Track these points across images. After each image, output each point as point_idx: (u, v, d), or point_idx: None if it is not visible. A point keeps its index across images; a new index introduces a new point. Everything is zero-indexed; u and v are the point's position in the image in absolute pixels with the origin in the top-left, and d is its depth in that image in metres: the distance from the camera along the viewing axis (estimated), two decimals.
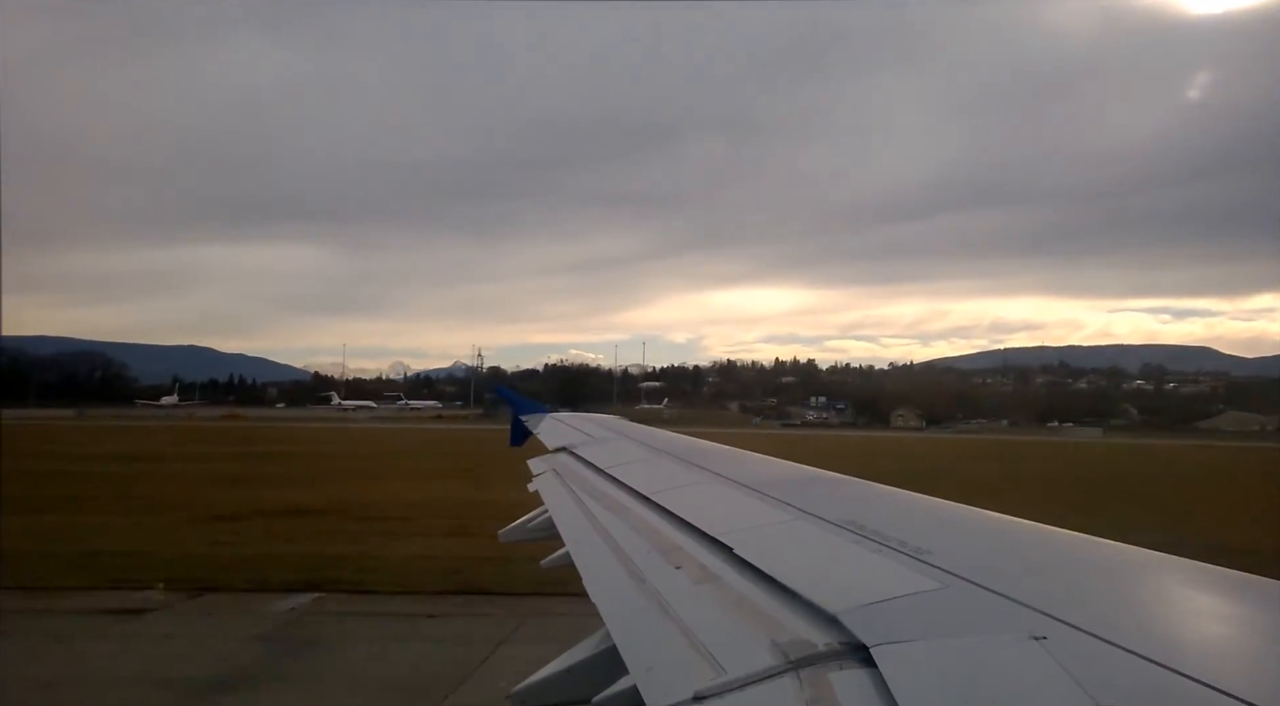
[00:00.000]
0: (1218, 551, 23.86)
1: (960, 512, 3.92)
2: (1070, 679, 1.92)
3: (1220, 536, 27.88)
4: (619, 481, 5.99)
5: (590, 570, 4.00)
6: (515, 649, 16.51)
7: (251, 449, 74.95)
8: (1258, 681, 1.92)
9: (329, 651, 16.80)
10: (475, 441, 76.51)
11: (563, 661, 3.50)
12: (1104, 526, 4.05)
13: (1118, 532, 3.45)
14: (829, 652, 2.31)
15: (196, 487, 42.71)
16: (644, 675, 2.57)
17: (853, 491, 4.85)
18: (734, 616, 2.83)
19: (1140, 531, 26.53)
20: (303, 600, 20.54)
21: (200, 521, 32.33)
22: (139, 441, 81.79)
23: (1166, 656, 1.98)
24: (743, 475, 5.35)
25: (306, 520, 32.76)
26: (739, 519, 4.22)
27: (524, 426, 12.47)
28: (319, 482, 46.00)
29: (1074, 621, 2.24)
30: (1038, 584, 2.68)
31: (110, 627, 18.34)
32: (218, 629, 18.49)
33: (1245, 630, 2.42)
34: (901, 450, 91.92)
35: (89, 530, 29.68)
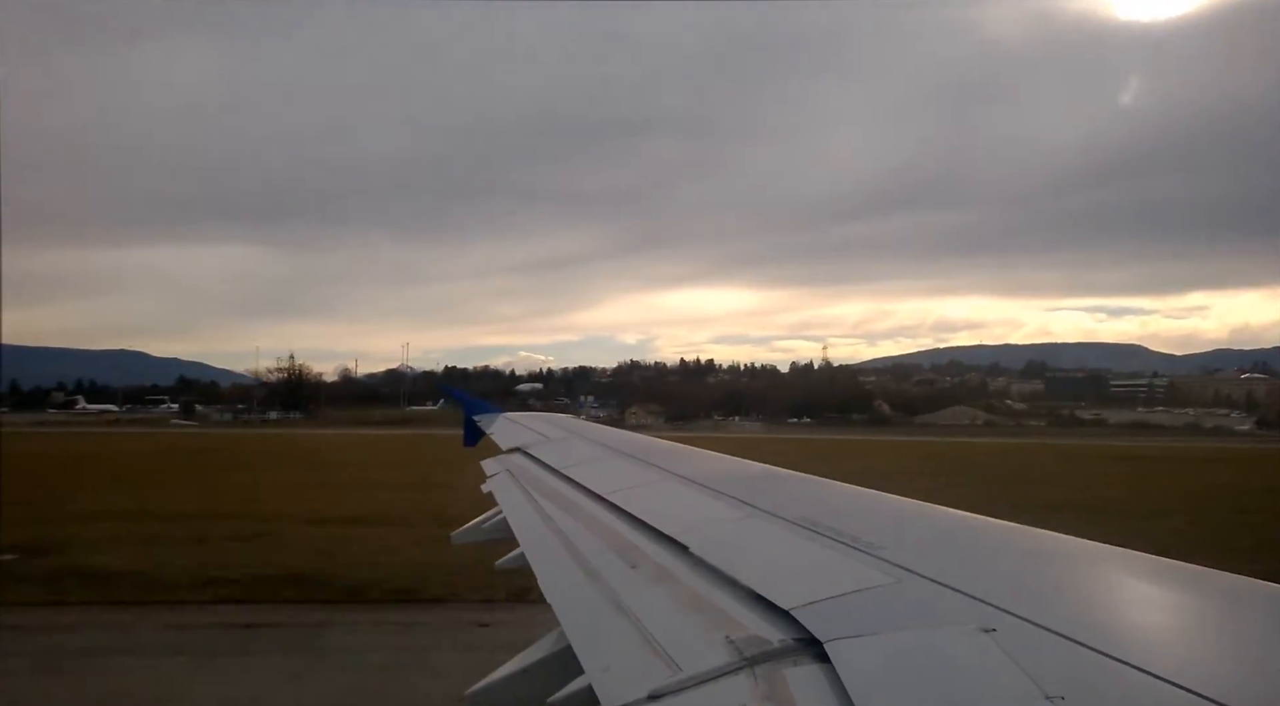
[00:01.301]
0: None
1: (913, 508, 3.96)
2: (1019, 669, 1.95)
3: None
4: (574, 481, 5.97)
5: (545, 570, 3.98)
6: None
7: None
8: (1202, 670, 1.97)
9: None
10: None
11: (518, 662, 3.49)
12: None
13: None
14: (784, 649, 2.33)
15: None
16: (599, 675, 2.58)
17: (808, 488, 4.88)
18: (689, 614, 2.85)
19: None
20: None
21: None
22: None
23: (1113, 647, 2.02)
24: (699, 473, 5.37)
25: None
26: (695, 517, 4.23)
27: (477, 426, 12.36)
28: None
29: (1022, 613, 2.28)
30: (987, 577, 2.72)
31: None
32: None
33: (1191, 619, 2.48)
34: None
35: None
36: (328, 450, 73.89)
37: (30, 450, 65.87)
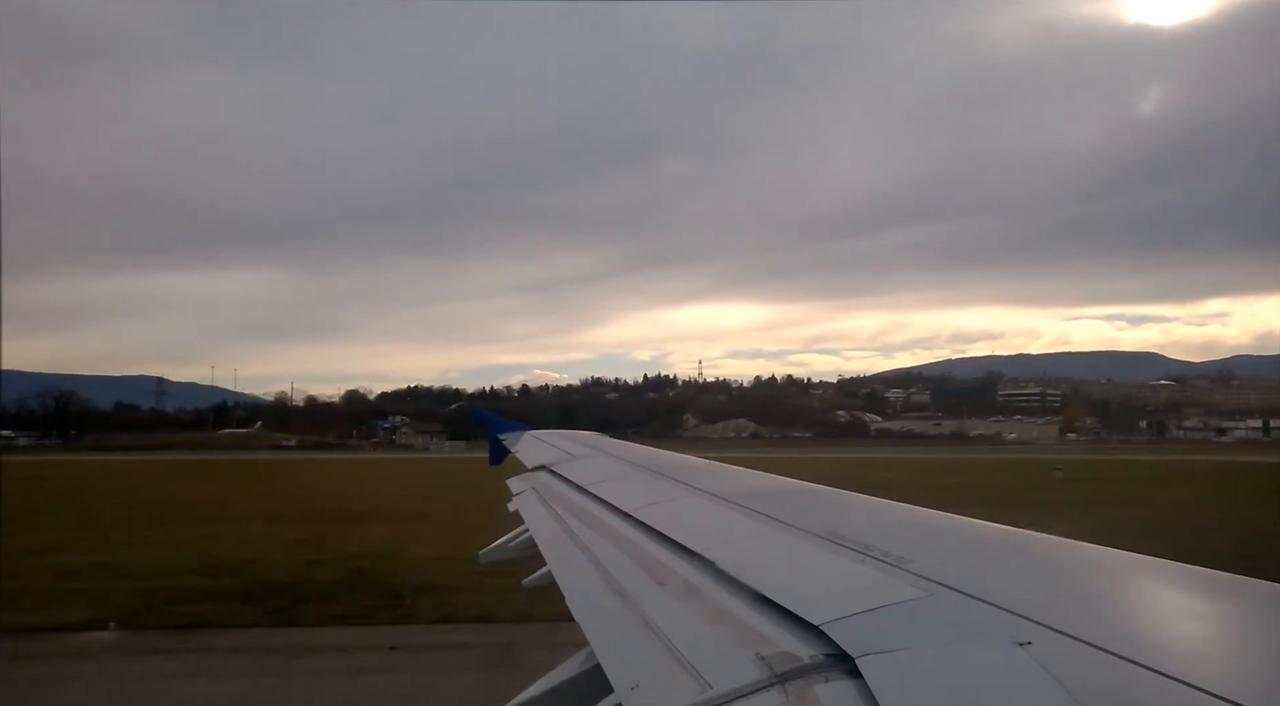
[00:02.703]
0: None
1: (940, 520, 3.95)
2: (1056, 684, 1.92)
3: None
4: (600, 498, 5.96)
5: (573, 588, 3.97)
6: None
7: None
8: (1242, 681, 1.93)
9: None
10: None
11: (547, 681, 3.48)
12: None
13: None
14: (814, 664, 2.30)
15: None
16: (629, 693, 2.56)
17: (832, 502, 4.85)
18: (718, 631, 2.82)
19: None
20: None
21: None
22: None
23: (1151, 659, 1.98)
24: (723, 489, 5.34)
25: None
26: (721, 532, 4.23)
27: (502, 445, 12.34)
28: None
29: (1058, 626, 2.24)
30: (1020, 589, 2.68)
31: None
32: None
33: (1229, 630, 2.43)
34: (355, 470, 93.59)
35: None
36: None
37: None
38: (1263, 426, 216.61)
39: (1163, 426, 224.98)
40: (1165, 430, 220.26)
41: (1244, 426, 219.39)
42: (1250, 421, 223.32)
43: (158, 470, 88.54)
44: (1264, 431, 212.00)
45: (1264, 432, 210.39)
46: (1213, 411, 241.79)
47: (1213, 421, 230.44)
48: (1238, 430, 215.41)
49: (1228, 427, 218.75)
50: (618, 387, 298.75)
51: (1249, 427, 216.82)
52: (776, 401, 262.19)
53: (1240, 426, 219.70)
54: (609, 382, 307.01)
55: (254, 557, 31.61)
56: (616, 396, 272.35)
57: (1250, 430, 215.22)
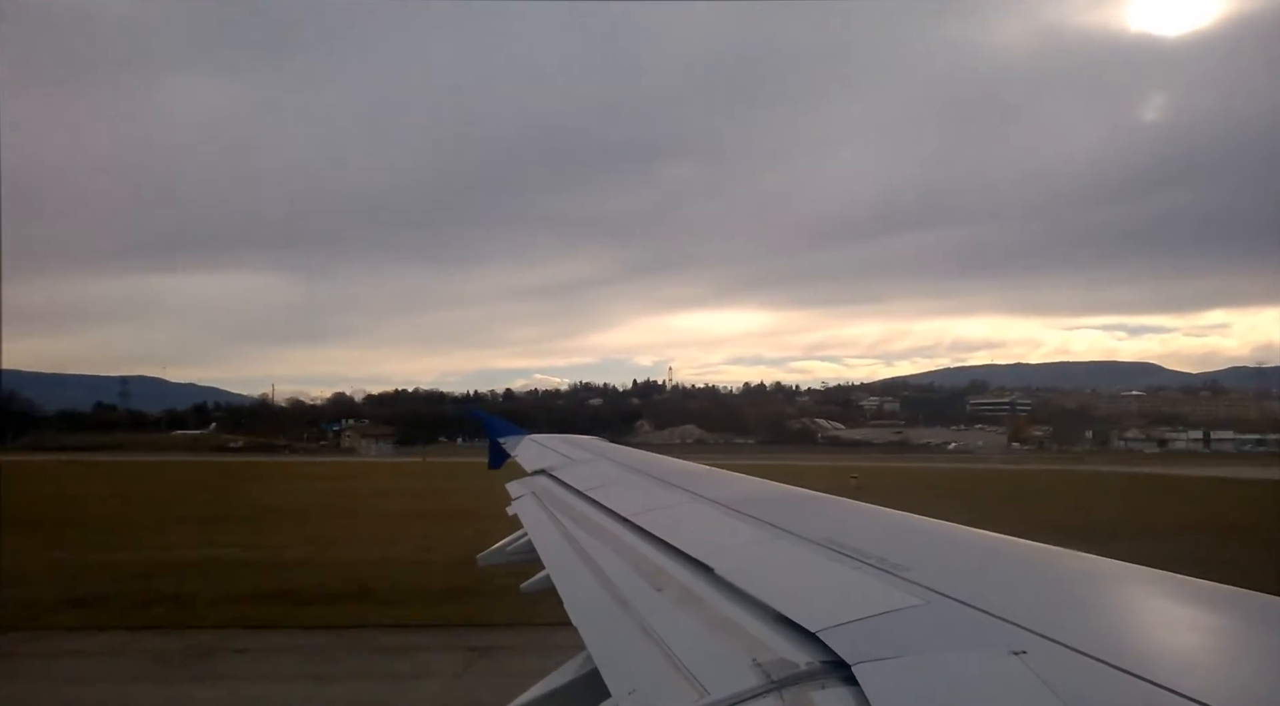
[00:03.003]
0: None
1: (938, 528, 3.97)
2: (1051, 693, 1.93)
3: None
4: (599, 503, 5.98)
5: (571, 593, 3.99)
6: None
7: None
8: (1236, 692, 1.96)
9: None
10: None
11: (545, 685, 3.49)
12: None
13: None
14: (811, 671, 2.32)
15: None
16: (626, 698, 2.57)
17: (831, 509, 4.89)
18: (716, 637, 2.85)
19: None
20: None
21: None
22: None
23: (1145, 669, 2.00)
24: (722, 495, 5.37)
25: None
26: (719, 539, 4.26)
27: (502, 449, 12.38)
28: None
29: (1054, 635, 2.26)
30: (1017, 598, 2.71)
31: None
32: None
33: (1222, 641, 2.44)
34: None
35: None
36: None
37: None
38: (1203, 438, 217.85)
39: (1105, 437, 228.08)
40: (1107, 441, 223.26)
41: (1185, 438, 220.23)
42: (1192, 433, 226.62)
43: (31, 471, 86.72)
44: (1204, 443, 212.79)
45: (1204, 444, 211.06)
46: (1175, 423, 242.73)
47: (1155, 433, 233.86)
48: (1178, 441, 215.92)
49: (1168, 439, 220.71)
50: (604, 392, 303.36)
51: (1190, 440, 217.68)
52: (726, 408, 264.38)
53: (1181, 438, 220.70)
54: (597, 387, 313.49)
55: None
56: (601, 401, 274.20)
57: (1191, 441, 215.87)
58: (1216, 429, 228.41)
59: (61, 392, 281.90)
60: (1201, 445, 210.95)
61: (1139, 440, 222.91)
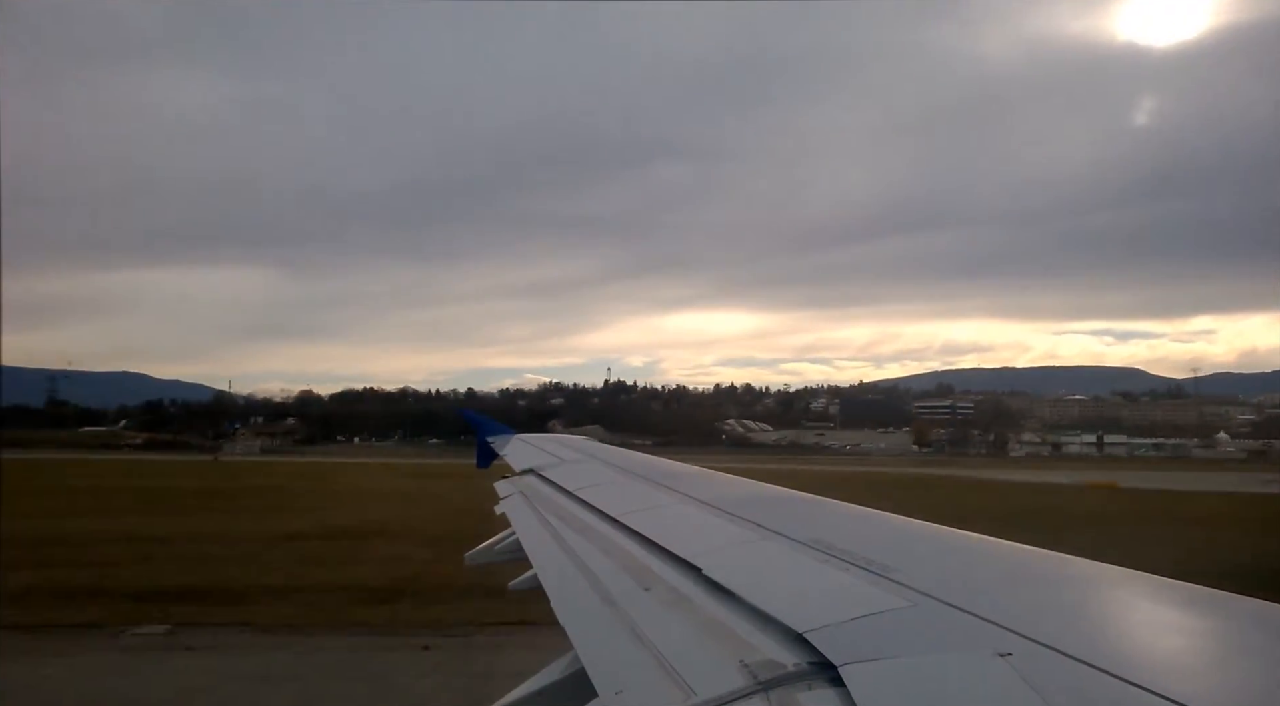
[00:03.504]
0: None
1: (926, 530, 4.01)
2: (1036, 695, 1.95)
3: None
4: (587, 503, 5.99)
5: (558, 593, 3.98)
6: None
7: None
8: (1221, 695, 1.98)
9: None
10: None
11: (531, 685, 3.49)
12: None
13: None
14: (798, 673, 2.33)
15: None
16: (613, 698, 2.58)
17: (819, 510, 4.92)
18: (703, 638, 2.86)
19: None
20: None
21: None
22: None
23: (1130, 672, 2.02)
24: (711, 495, 5.40)
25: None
26: (708, 539, 4.27)
27: (490, 448, 12.28)
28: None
29: (1039, 637, 2.29)
30: (1003, 600, 2.74)
31: None
32: None
33: (1208, 644, 2.47)
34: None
35: None
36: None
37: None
38: (1097, 442, 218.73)
39: (1004, 440, 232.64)
40: (1006, 444, 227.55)
41: (1079, 441, 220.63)
42: (1086, 436, 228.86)
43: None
44: (1098, 447, 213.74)
45: (1098, 449, 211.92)
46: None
47: (1051, 436, 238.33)
48: (1072, 445, 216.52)
49: (1063, 442, 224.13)
50: (569, 392, 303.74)
51: (1084, 443, 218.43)
52: (630, 408, 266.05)
53: (1076, 441, 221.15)
54: (566, 387, 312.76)
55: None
56: (562, 401, 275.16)
57: (1085, 445, 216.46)
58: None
59: (41, 388, 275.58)
60: (1095, 449, 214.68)
61: (1035, 443, 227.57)
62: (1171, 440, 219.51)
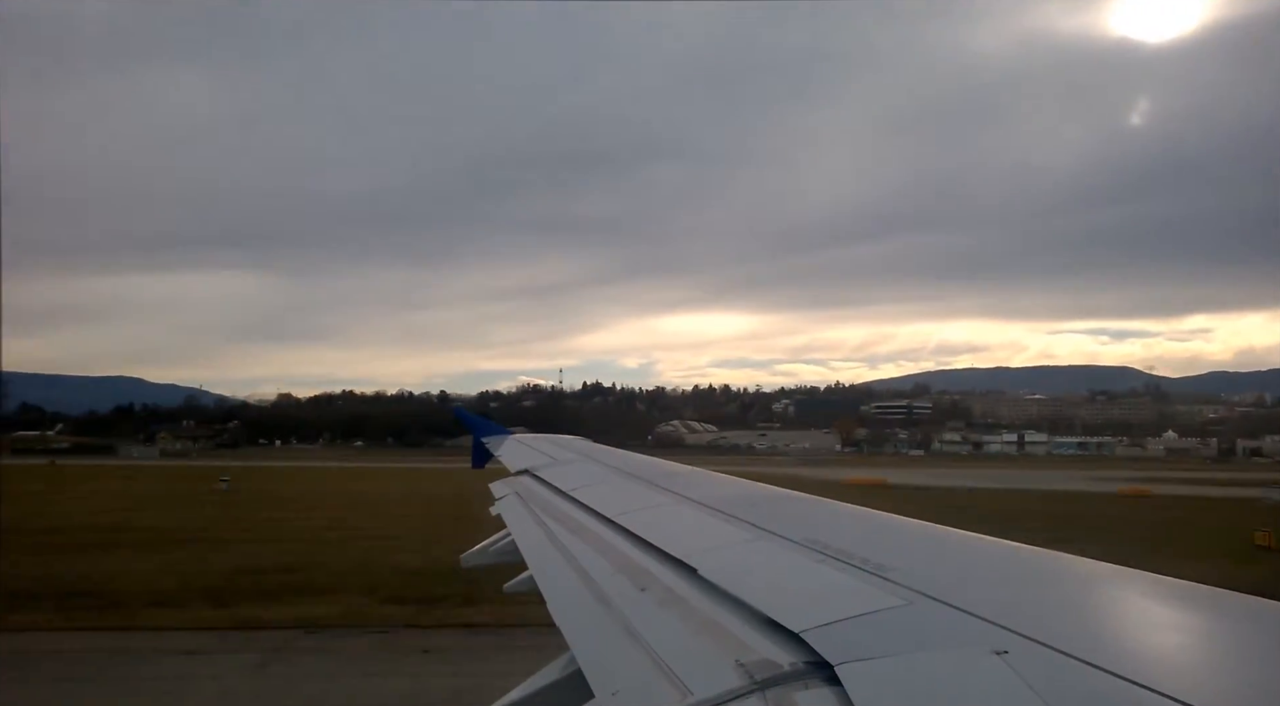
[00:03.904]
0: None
1: (921, 529, 4.02)
2: (1032, 693, 1.96)
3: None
4: (582, 504, 5.98)
5: (554, 593, 3.98)
6: None
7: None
8: (1216, 691, 1.98)
9: None
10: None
11: (528, 686, 3.48)
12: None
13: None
14: (794, 672, 2.33)
15: None
16: (609, 698, 2.58)
17: (814, 509, 4.93)
18: (699, 637, 2.87)
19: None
20: None
21: None
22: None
23: (1127, 668, 2.02)
24: (706, 495, 5.41)
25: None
26: (703, 539, 4.27)
27: (485, 449, 12.28)
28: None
29: (1035, 635, 2.28)
30: (999, 598, 2.75)
31: None
32: None
33: (1204, 641, 2.48)
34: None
35: None
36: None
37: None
38: (1018, 441, 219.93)
39: (928, 439, 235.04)
40: (929, 443, 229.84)
41: (1001, 441, 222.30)
42: (1007, 436, 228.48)
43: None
44: (1019, 446, 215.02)
45: (1018, 447, 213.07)
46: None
47: (972, 435, 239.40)
48: (993, 445, 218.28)
49: (985, 442, 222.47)
50: (536, 394, 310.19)
51: (1005, 442, 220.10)
52: (555, 410, 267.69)
53: (998, 440, 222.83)
54: (544, 390, 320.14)
55: None
56: (533, 403, 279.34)
57: (1006, 444, 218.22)
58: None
59: (46, 393, 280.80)
60: (1015, 448, 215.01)
61: (955, 443, 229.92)
62: (1112, 439, 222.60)
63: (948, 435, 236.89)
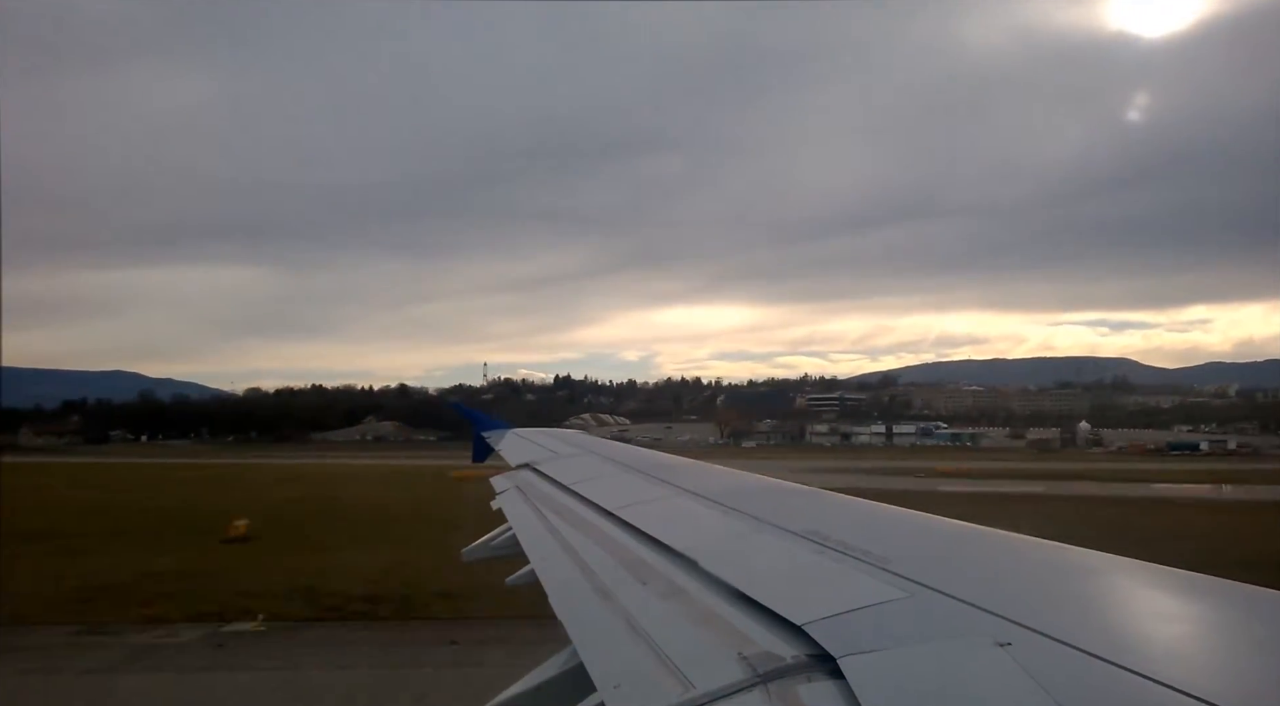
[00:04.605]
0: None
1: (922, 520, 4.03)
2: (1035, 684, 1.96)
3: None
4: (583, 497, 5.98)
5: (556, 587, 3.97)
6: None
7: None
8: (1220, 682, 1.97)
9: None
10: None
11: (530, 679, 3.46)
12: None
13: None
14: (797, 665, 2.34)
15: None
16: (611, 692, 2.58)
17: (814, 501, 4.94)
18: (701, 630, 2.87)
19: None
20: None
21: None
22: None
23: (1130, 660, 2.02)
24: (707, 488, 5.41)
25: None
26: (704, 532, 4.28)
27: (486, 443, 12.24)
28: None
29: (1037, 626, 2.29)
30: (1001, 590, 2.76)
31: None
32: None
33: (1207, 632, 2.50)
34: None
35: None
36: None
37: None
38: (885, 432, 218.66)
39: (801, 432, 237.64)
40: (802, 435, 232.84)
41: (869, 432, 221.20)
42: (875, 427, 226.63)
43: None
44: (887, 437, 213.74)
45: (887, 439, 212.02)
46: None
47: (842, 427, 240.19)
48: (862, 436, 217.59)
49: (853, 433, 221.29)
50: (513, 387, 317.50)
51: (873, 433, 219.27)
52: (428, 405, 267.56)
53: (865, 432, 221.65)
54: (516, 383, 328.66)
55: None
56: (490, 397, 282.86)
57: (874, 435, 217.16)
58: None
59: (37, 388, 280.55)
60: (883, 439, 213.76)
61: (823, 434, 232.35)
62: (994, 430, 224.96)
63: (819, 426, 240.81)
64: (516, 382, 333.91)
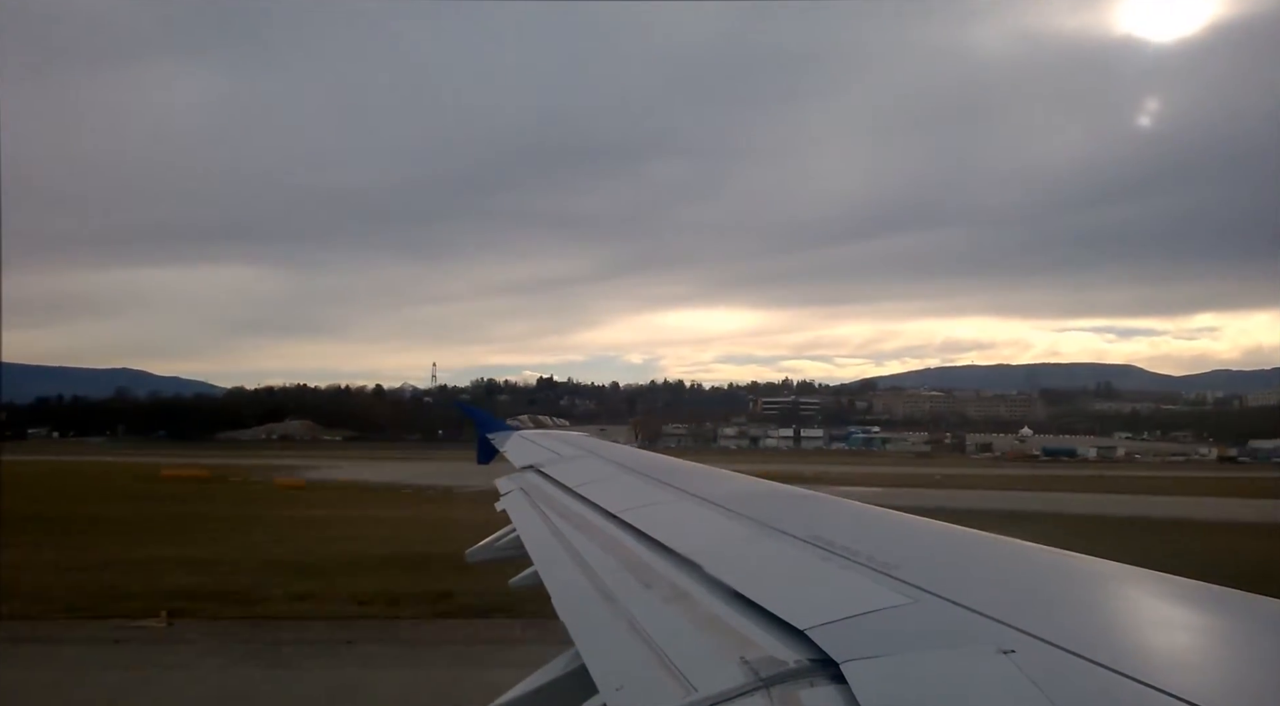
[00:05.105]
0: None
1: (926, 526, 4.01)
2: (1039, 691, 1.95)
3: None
4: (587, 500, 5.97)
5: (559, 589, 3.95)
6: None
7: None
8: (1224, 690, 1.98)
9: None
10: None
11: (532, 681, 3.47)
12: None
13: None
14: (799, 670, 2.32)
15: None
16: (614, 694, 2.57)
17: (819, 507, 4.94)
18: (704, 634, 2.86)
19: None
20: None
21: None
22: None
23: (1133, 667, 2.01)
24: (711, 492, 5.39)
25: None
26: (708, 536, 4.27)
27: (490, 444, 12.28)
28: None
29: (1042, 634, 2.28)
30: (1005, 597, 2.74)
31: None
32: None
33: (1212, 640, 2.48)
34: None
35: None
36: None
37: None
38: (794, 435, 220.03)
39: (713, 436, 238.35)
40: (714, 439, 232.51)
41: (777, 436, 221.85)
42: (782, 431, 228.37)
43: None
44: (794, 440, 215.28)
45: (794, 441, 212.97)
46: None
47: (751, 430, 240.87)
48: (770, 439, 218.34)
49: (761, 436, 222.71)
50: (500, 389, 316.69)
51: (780, 437, 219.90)
52: (348, 404, 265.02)
53: (774, 436, 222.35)
54: (499, 385, 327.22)
55: None
56: (469, 398, 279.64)
57: (782, 439, 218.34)
58: (798, 427, 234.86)
59: (46, 386, 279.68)
60: (792, 442, 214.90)
61: (732, 437, 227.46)
62: (912, 434, 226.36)
63: (727, 429, 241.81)
64: (498, 383, 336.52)
